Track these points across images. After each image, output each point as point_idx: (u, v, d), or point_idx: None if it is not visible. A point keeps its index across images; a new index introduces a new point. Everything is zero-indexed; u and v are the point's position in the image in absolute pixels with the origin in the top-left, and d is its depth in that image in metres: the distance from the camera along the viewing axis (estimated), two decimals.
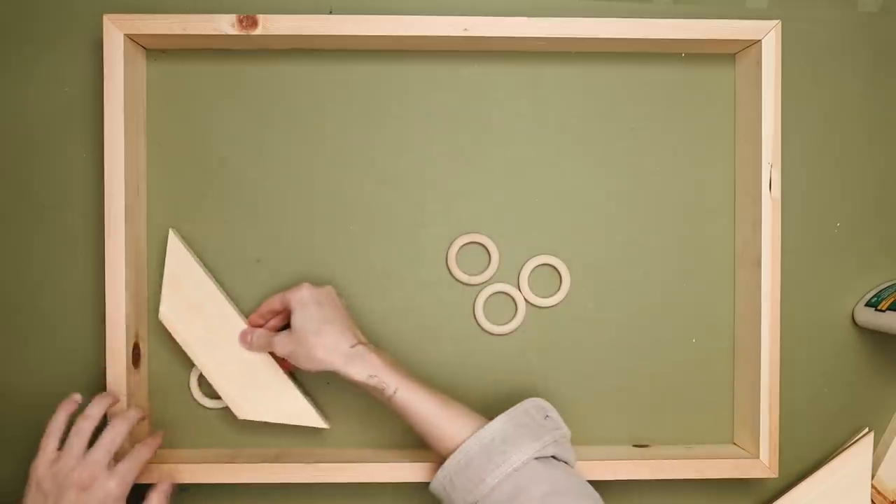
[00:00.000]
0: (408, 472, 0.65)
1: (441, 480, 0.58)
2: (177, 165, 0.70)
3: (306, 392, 0.69)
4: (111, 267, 0.64)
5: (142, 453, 0.60)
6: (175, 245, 0.67)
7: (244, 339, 0.66)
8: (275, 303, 0.63)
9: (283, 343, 0.61)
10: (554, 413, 0.61)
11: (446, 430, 0.58)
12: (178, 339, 0.67)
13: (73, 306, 0.69)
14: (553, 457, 0.58)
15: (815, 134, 0.72)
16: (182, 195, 0.70)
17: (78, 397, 0.61)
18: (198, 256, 0.68)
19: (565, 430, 0.60)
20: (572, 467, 0.60)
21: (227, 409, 0.68)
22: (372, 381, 0.58)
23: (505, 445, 0.56)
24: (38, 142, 0.69)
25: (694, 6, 0.70)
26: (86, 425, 0.59)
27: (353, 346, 0.59)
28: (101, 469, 0.57)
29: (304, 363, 0.60)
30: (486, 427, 0.57)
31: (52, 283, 0.69)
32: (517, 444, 0.56)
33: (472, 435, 0.57)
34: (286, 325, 0.63)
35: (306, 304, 0.60)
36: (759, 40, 0.66)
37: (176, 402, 0.69)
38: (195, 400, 0.69)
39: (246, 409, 0.66)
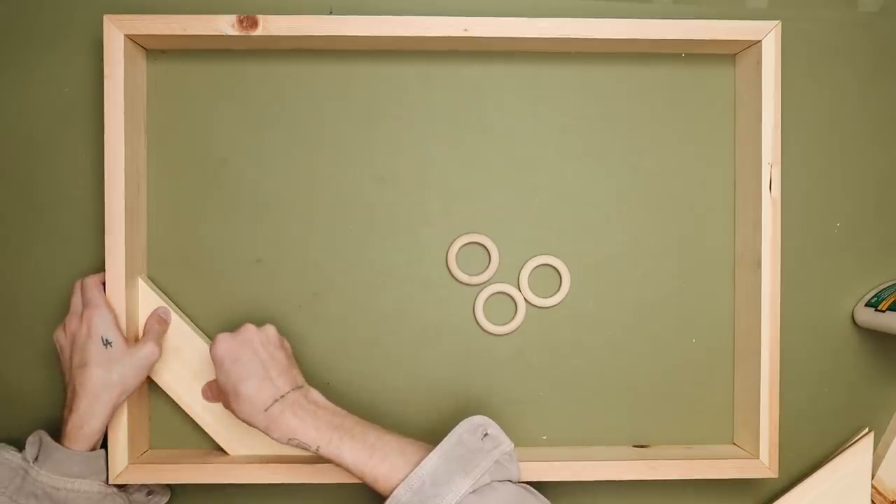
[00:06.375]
0: None
1: None
2: (177, 165, 0.70)
3: None
4: (111, 267, 0.64)
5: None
6: (146, 292, 0.67)
7: (205, 395, 0.67)
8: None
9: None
10: (494, 429, 0.58)
11: (378, 474, 0.55)
12: (162, 385, 0.67)
13: None
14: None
15: (815, 134, 0.72)
16: (182, 195, 0.70)
17: (84, 281, 0.65)
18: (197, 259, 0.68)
19: (506, 447, 0.57)
20: (515, 482, 0.58)
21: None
22: (293, 444, 0.57)
23: (436, 488, 0.54)
24: (38, 142, 0.69)
25: (694, 6, 0.70)
26: (79, 284, 0.65)
27: (267, 409, 0.56)
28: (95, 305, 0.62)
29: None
30: (415, 471, 0.54)
31: (52, 283, 0.69)
32: (449, 483, 0.54)
33: (403, 480, 0.54)
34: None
35: (221, 362, 0.59)
36: (760, 41, 0.66)
37: (174, 401, 0.69)
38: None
39: (235, 446, 0.67)
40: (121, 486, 0.64)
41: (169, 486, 0.70)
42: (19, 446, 0.61)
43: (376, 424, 0.59)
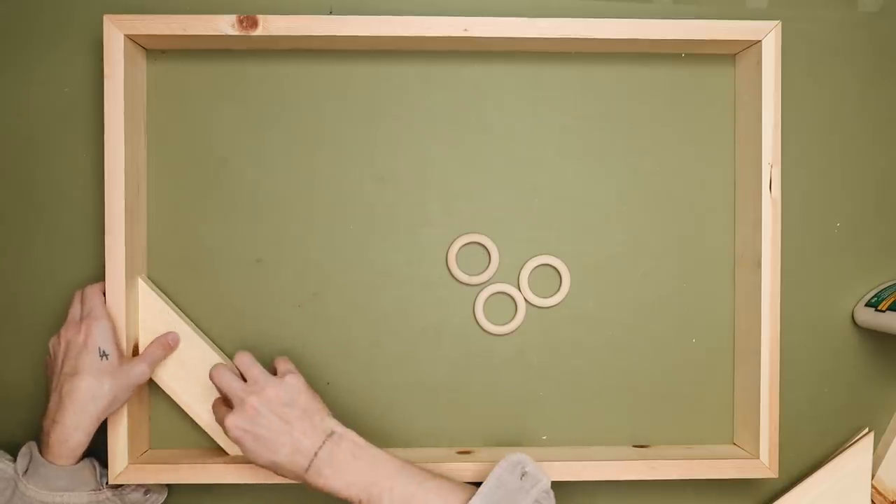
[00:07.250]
0: None
1: None
2: (177, 165, 0.70)
3: None
4: (111, 267, 0.64)
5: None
6: (146, 292, 0.67)
7: (216, 410, 0.63)
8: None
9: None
10: (531, 466, 0.58)
11: None
12: (162, 385, 0.67)
13: None
14: None
15: (815, 134, 0.72)
16: (182, 195, 0.70)
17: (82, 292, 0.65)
18: (194, 259, 0.68)
19: (544, 483, 0.58)
20: None
21: None
22: (339, 497, 0.57)
23: None
24: (38, 142, 0.69)
25: (694, 6, 0.70)
26: (79, 294, 0.65)
27: (307, 470, 0.57)
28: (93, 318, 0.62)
29: None
30: None
31: (52, 283, 0.69)
32: None
33: None
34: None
35: (242, 443, 0.58)
36: (760, 41, 0.66)
37: (174, 401, 0.69)
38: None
39: (235, 446, 0.67)
40: (116, 487, 0.64)
41: (168, 485, 0.70)
42: (18, 450, 0.61)
43: (414, 465, 0.59)
